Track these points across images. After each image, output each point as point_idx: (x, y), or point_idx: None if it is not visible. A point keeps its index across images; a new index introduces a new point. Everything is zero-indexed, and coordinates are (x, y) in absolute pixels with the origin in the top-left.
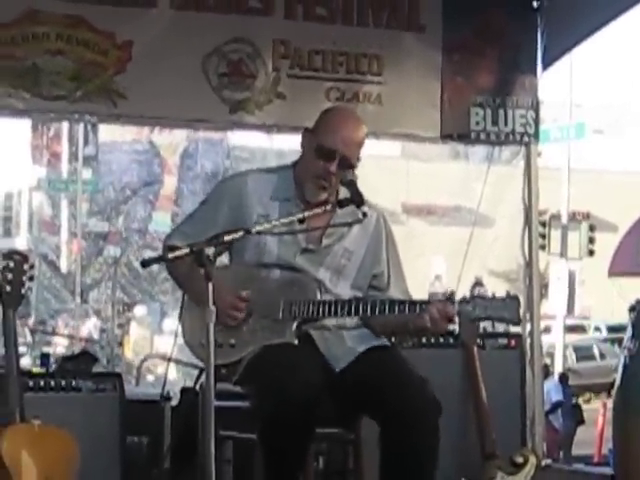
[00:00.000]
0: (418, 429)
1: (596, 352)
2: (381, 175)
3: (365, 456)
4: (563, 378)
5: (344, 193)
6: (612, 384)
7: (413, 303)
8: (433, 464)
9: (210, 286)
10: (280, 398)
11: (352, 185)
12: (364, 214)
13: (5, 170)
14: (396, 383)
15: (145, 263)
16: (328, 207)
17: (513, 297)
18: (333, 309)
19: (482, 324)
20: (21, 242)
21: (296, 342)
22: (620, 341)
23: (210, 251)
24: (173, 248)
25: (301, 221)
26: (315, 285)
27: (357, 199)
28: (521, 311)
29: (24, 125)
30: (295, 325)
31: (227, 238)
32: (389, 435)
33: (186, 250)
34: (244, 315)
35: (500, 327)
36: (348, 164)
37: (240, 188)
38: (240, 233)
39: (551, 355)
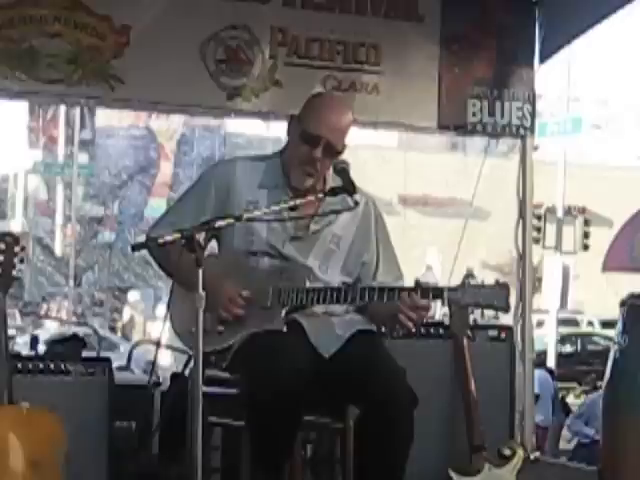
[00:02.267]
0: (393, 419)
1: None
2: (378, 165)
3: (352, 445)
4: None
5: (334, 180)
6: None
7: (392, 290)
8: (405, 454)
9: (200, 272)
10: (269, 384)
11: (344, 173)
12: (356, 202)
13: (1, 152)
14: (374, 372)
15: (135, 247)
16: (319, 195)
17: (502, 285)
18: (322, 296)
19: (472, 316)
20: (16, 225)
21: (285, 329)
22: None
23: (201, 237)
24: (160, 237)
25: (292, 209)
26: (304, 273)
27: (349, 187)
28: (512, 301)
29: (21, 107)
30: (284, 312)
31: (218, 224)
32: (365, 422)
33: (177, 235)
34: (241, 313)
35: (490, 318)
36: (333, 150)
37: (228, 175)
38: (230, 220)
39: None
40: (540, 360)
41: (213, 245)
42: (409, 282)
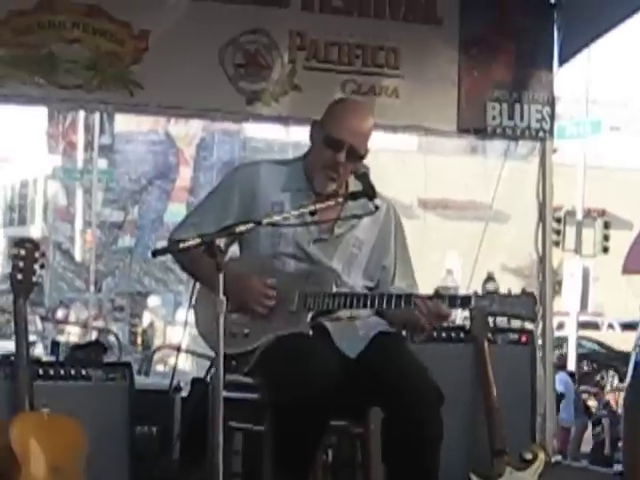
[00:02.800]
0: (419, 418)
1: None
2: (398, 169)
3: (373, 450)
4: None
5: (355, 185)
6: None
7: (408, 297)
8: (435, 452)
9: (220, 277)
10: (300, 387)
11: (364, 178)
12: (376, 207)
13: (21, 158)
14: (397, 372)
15: (156, 253)
16: (340, 199)
17: (529, 294)
18: (348, 302)
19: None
20: (36, 230)
21: (310, 333)
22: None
23: (221, 242)
24: (181, 241)
25: (312, 213)
26: (331, 277)
27: (369, 192)
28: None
29: (40, 113)
30: (310, 316)
31: (238, 229)
32: (391, 423)
33: (197, 241)
34: (273, 303)
35: (515, 323)
36: (356, 154)
37: (253, 178)
38: (251, 225)
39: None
40: (561, 363)
41: (234, 249)
42: (428, 286)
